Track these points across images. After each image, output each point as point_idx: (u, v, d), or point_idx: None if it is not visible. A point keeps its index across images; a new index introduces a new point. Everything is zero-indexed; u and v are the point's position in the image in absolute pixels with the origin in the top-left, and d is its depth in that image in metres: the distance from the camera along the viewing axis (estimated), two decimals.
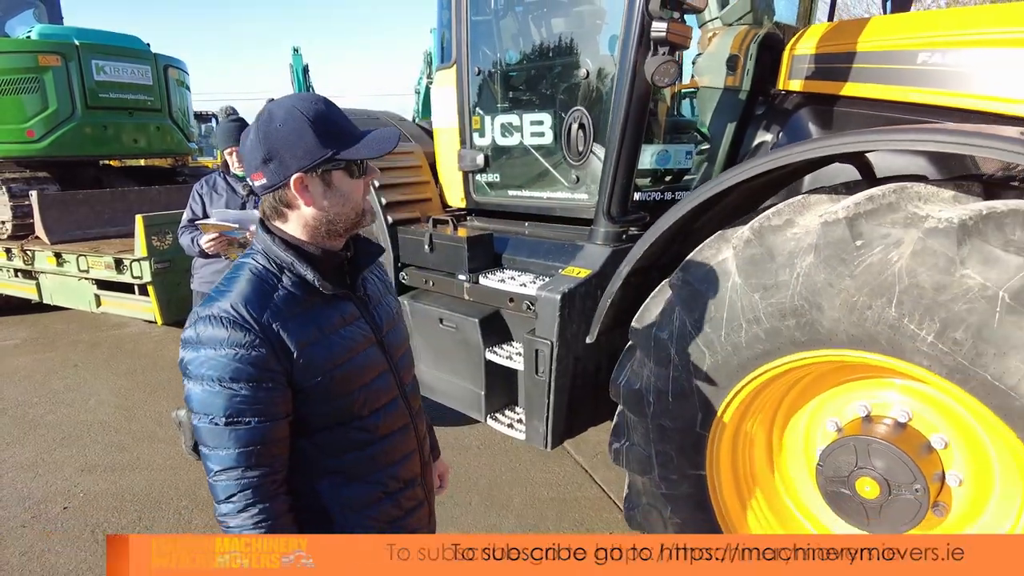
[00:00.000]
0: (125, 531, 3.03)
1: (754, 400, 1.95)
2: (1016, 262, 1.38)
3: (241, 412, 1.12)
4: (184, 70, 8.48)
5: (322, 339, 1.20)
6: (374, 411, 1.28)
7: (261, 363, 1.12)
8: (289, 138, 1.15)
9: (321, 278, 1.20)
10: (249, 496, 1.14)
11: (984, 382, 1.44)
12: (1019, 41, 1.94)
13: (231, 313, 1.12)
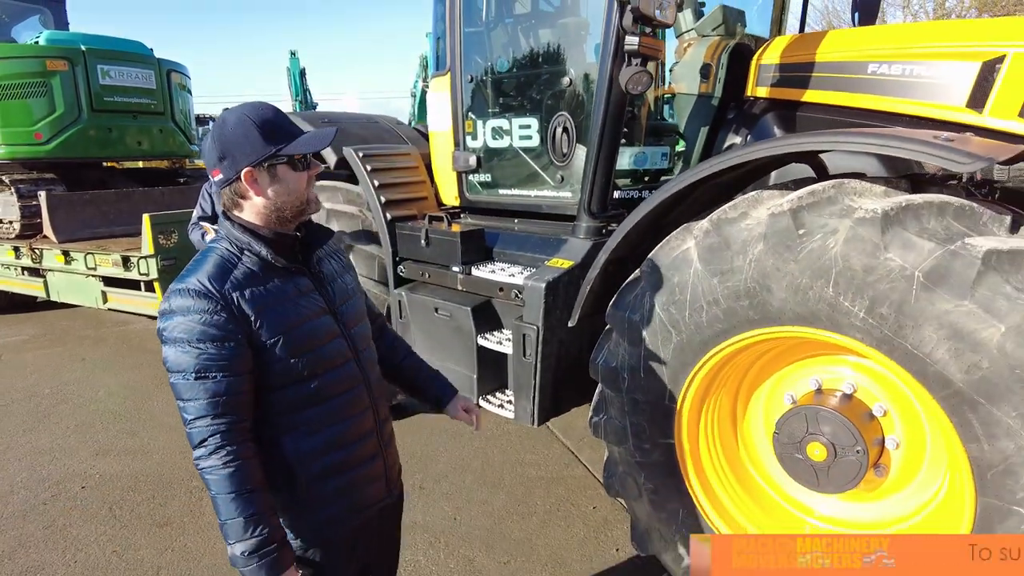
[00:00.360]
0: (139, 510, 3.23)
1: (717, 374, 2.17)
2: (929, 246, 1.61)
3: (207, 368, 1.32)
4: (186, 74, 8.67)
5: (276, 307, 1.40)
6: (328, 371, 1.47)
7: (222, 326, 1.32)
8: (239, 139, 1.37)
9: (275, 254, 1.41)
10: (218, 440, 1.33)
11: (905, 351, 1.66)
12: (947, 55, 2.17)
13: (197, 285, 1.33)
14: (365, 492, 1.58)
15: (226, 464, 1.33)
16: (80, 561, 2.82)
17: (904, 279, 1.63)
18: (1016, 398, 1.51)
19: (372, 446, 1.59)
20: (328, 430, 1.48)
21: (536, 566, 2.70)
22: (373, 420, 1.59)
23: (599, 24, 2.56)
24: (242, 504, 1.33)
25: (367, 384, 1.57)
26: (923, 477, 2.03)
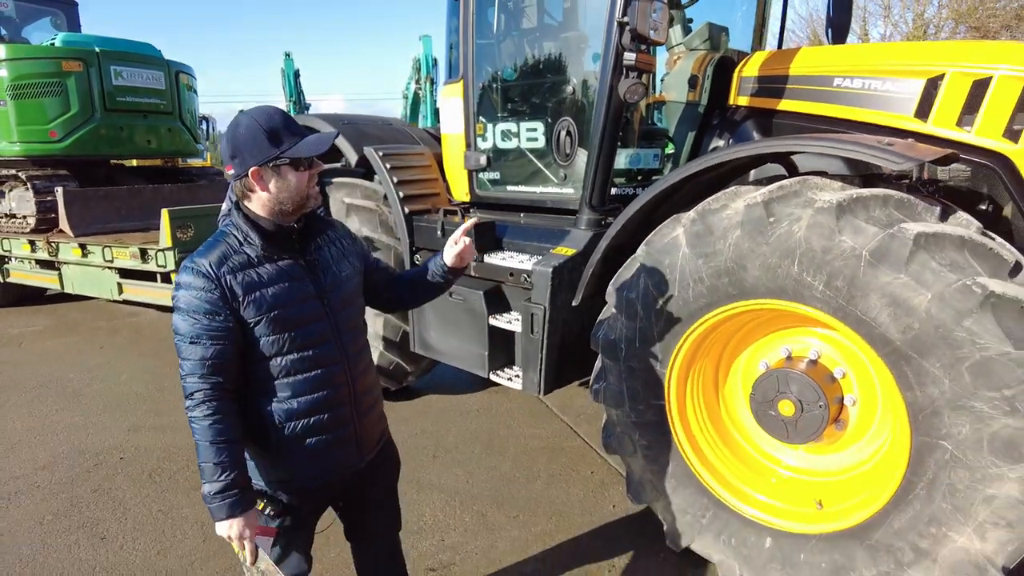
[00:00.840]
0: (177, 476, 3.52)
1: (702, 344, 2.52)
2: (873, 231, 1.96)
3: (199, 335, 1.58)
4: (193, 75, 8.92)
5: (264, 290, 1.62)
6: (307, 348, 1.68)
7: (215, 303, 1.58)
8: (248, 141, 1.63)
9: (269, 245, 1.64)
10: (202, 396, 1.58)
11: (856, 316, 2.02)
12: (899, 72, 2.54)
13: (200, 266, 1.60)
14: (334, 455, 1.78)
15: (206, 417, 1.58)
16: (130, 518, 3.11)
17: (854, 257, 1.98)
18: (940, 351, 1.87)
19: (345, 416, 1.78)
20: (303, 399, 1.70)
21: (541, 519, 3.03)
22: (348, 393, 1.78)
23: (598, 37, 2.92)
24: (215, 452, 1.58)
25: (345, 361, 1.77)
26: (875, 429, 2.39)
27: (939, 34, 19.22)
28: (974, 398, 1.85)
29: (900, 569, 2.07)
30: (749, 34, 3.92)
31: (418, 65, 19.66)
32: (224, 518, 1.61)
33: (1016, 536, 1.87)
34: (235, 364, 1.64)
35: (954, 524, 1.95)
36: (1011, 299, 1.83)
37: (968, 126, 2.44)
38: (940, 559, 1.99)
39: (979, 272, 1.88)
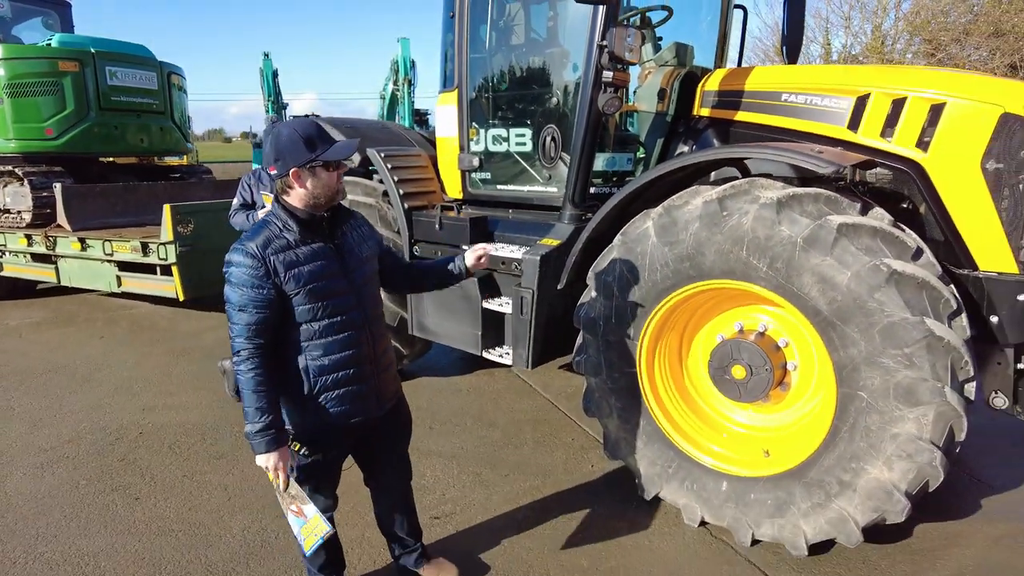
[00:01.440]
0: (195, 448, 3.82)
1: (668, 319, 2.94)
2: (806, 221, 2.40)
3: (246, 304, 1.94)
4: (183, 76, 9.12)
5: (300, 267, 1.98)
6: (336, 315, 2.05)
7: (260, 278, 1.94)
8: (289, 147, 2.01)
9: (301, 233, 2.00)
10: (247, 354, 1.95)
11: (792, 292, 2.45)
12: (835, 90, 2.98)
13: (248, 248, 1.96)
14: (356, 404, 2.13)
15: (250, 370, 1.95)
16: (158, 483, 3.41)
17: (791, 243, 2.41)
18: (857, 319, 2.32)
19: (367, 372, 2.15)
20: (333, 357, 2.07)
21: (529, 477, 3.42)
22: (369, 352, 2.15)
23: (578, 53, 3.33)
24: (256, 398, 1.95)
25: (367, 326, 2.15)
26: (811, 390, 2.83)
27: (896, 44, 20.18)
28: (883, 355, 2.30)
29: (829, 499, 2.51)
30: (712, 52, 4.37)
31: (396, 67, 19.91)
32: (263, 452, 1.99)
33: (915, 465, 2.32)
34: (275, 327, 2.01)
35: (869, 459, 2.40)
36: (910, 276, 2.28)
37: (889, 137, 2.88)
38: (859, 488, 2.43)
39: (887, 255, 2.33)
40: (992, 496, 3.21)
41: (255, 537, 2.91)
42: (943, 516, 2.99)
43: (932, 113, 2.75)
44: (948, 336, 2.27)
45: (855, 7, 20.61)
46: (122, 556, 2.78)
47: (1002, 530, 2.92)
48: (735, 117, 3.44)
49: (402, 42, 19.49)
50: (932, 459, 2.30)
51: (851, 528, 2.48)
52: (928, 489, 2.43)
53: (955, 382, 2.29)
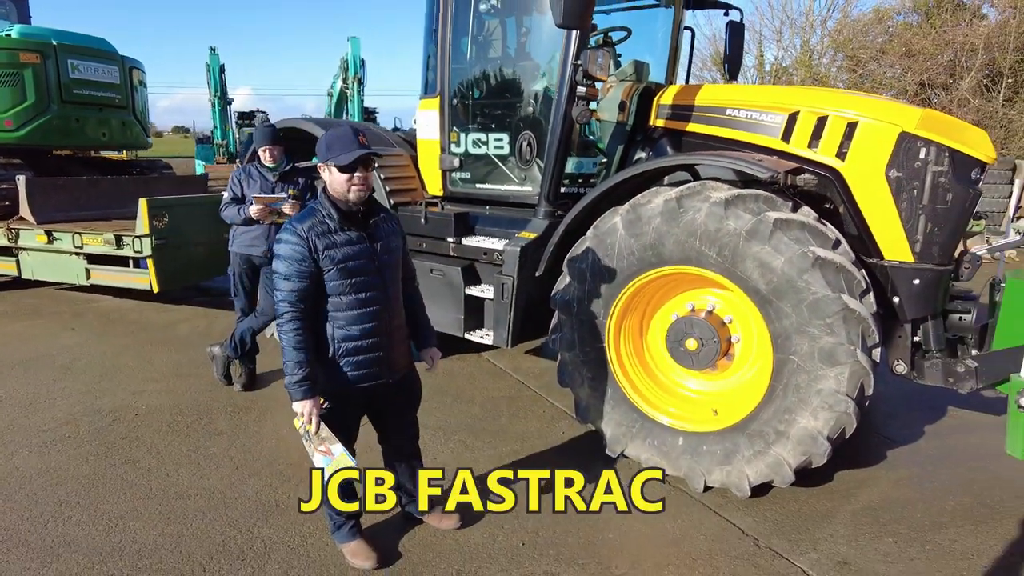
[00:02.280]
0: (194, 426, 4.04)
1: (632, 301, 3.40)
2: (748, 217, 2.89)
3: (291, 274, 2.32)
4: (144, 71, 9.06)
5: (336, 248, 2.37)
6: (361, 291, 2.42)
7: (302, 254, 2.32)
8: (321, 146, 2.39)
9: (340, 220, 2.37)
10: (289, 316, 2.33)
11: (737, 275, 2.94)
12: (772, 107, 3.51)
13: (296, 229, 2.35)
14: (371, 370, 2.50)
15: (291, 330, 2.34)
16: (165, 456, 3.63)
17: (736, 235, 2.90)
18: (789, 296, 2.82)
19: (383, 343, 2.51)
20: (356, 327, 2.44)
21: (509, 443, 3.82)
22: (386, 327, 2.52)
23: (552, 65, 3.75)
24: (295, 354, 2.33)
25: (387, 304, 2.51)
26: (753, 359, 3.35)
27: (822, 59, 21.62)
28: (809, 325, 2.82)
29: (768, 446, 3.02)
30: (664, 68, 4.88)
31: (345, 65, 19.92)
32: (299, 399, 2.37)
33: (834, 414, 2.85)
34: (313, 296, 2.38)
35: (799, 411, 2.91)
36: (831, 261, 2.81)
37: (815, 148, 3.42)
38: (791, 435, 2.95)
39: (813, 244, 2.85)
40: (895, 448, 3.84)
41: (269, 498, 3.20)
42: (856, 465, 3.58)
43: (848, 129, 3.30)
44: (860, 309, 2.81)
45: (786, 22, 21.96)
46: (147, 517, 3.02)
47: (902, 474, 3.53)
48: (687, 128, 3.93)
49: (352, 41, 19.53)
50: (848, 408, 2.83)
51: (785, 470, 2.99)
52: (845, 436, 2.96)
53: (865, 346, 2.83)
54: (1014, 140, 15.02)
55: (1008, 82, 15.84)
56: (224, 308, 6.71)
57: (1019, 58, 15.51)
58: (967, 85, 15.98)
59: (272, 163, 4.39)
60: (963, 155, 3.17)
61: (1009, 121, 15.58)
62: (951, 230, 3.24)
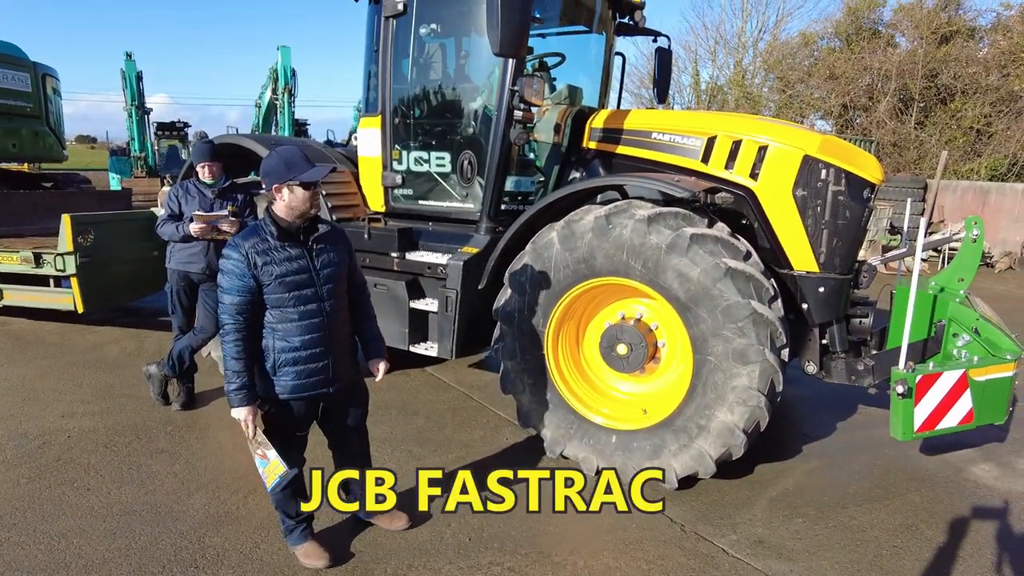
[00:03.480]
0: (133, 445, 4.15)
1: (568, 311, 3.81)
2: (667, 232, 3.35)
3: (230, 289, 2.59)
4: (58, 78, 8.97)
5: (275, 264, 2.64)
6: (301, 305, 2.68)
7: (243, 269, 2.58)
8: (274, 167, 2.67)
9: (279, 236, 2.65)
10: (230, 328, 2.60)
11: (659, 284, 3.39)
12: (692, 131, 4.02)
13: (237, 244, 2.63)
14: (310, 379, 2.73)
15: (232, 341, 2.60)
16: (105, 475, 3.74)
17: (657, 248, 3.36)
18: (705, 303, 3.29)
19: (322, 354, 2.75)
20: (294, 338, 2.69)
21: (454, 451, 4.13)
22: (325, 339, 2.75)
23: (491, 87, 4.15)
24: (233, 364, 2.60)
25: (327, 316, 2.75)
26: (676, 361, 3.81)
27: (754, 79, 23.20)
28: (723, 328, 3.29)
29: (691, 440, 3.46)
30: (596, 91, 5.39)
31: (275, 75, 19.84)
32: (237, 406, 2.64)
33: (748, 408, 3.32)
34: (254, 309, 2.65)
35: (717, 406, 3.37)
36: (741, 271, 3.30)
37: (730, 169, 3.95)
38: (711, 429, 3.40)
39: (725, 256, 3.33)
40: (809, 443, 4.41)
41: (217, 509, 3.39)
42: (774, 458, 4.10)
43: (760, 152, 3.83)
44: (768, 314, 3.30)
45: (720, 42, 23.50)
46: (91, 534, 3.16)
47: (814, 464, 4.08)
48: (616, 150, 4.42)
49: (282, 50, 19.45)
50: (760, 403, 3.31)
51: (707, 462, 3.44)
52: (760, 428, 3.44)
53: (773, 347, 3.32)
54: (925, 160, 16.62)
55: (919, 106, 17.55)
56: (154, 328, 6.75)
57: (927, 85, 17.24)
58: (883, 108, 17.59)
59: (211, 179, 4.58)
60: (857, 177, 3.76)
61: (921, 143, 17.23)
62: (850, 243, 3.82)
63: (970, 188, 14.14)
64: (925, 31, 17.23)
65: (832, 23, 20.03)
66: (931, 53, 17.04)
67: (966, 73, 16.71)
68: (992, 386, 3.34)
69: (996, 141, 16.24)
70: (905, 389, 3.22)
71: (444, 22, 4.68)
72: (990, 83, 16.38)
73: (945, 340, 3.75)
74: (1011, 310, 7.90)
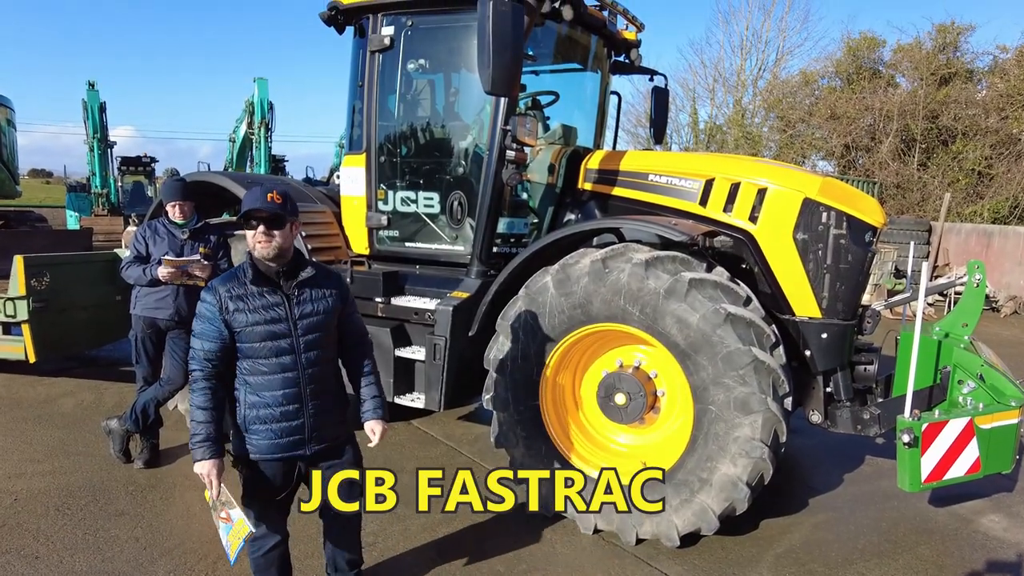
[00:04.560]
0: (90, 508, 4.13)
1: (564, 359, 3.94)
2: (666, 277, 3.52)
3: (201, 333, 2.62)
4: (12, 108, 9.10)
5: (248, 310, 2.61)
6: (272, 356, 2.65)
7: (215, 313, 2.60)
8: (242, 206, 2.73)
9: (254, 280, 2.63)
10: (198, 376, 2.61)
11: (658, 330, 3.54)
12: (690, 173, 4.24)
13: (212, 287, 2.65)
14: (284, 441, 2.69)
15: (199, 390, 2.61)
16: (57, 542, 3.72)
17: (656, 293, 3.52)
18: (705, 350, 3.44)
19: (295, 413, 2.70)
20: (265, 393, 2.67)
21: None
22: (300, 396, 2.70)
23: (482, 125, 4.36)
24: (200, 414, 2.59)
25: (304, 370, 2.69)
26: (676, 411, 3.93)
27: (754, 118, 24.06)
28: (724, 376, 3.43)
29: (693, 494, 3.55)
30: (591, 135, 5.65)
31: (251, 108, 20.17)
32: (198, 460, 2.57)
33: (752, 460, 3.43)
34: (225, 357, 2.65)
35: (719, 458, 3.48)
36: (741, 317, 3.46)
37: (729, 212, 4.15)
38: (714, 483, 3.50)
39: (725, 301, 3.50)
40: (815, 496, 4.54)
41: None
42: (780, 513, 4.20)
43: (759, 195, 4.05)
44: (769, 361, 3.45)
45: (719, 80, 24.45)
46: None
47: (821, 518, 4.19)
48: (612, 192, 4.63)
49: (259, 83, 19.80)
50: (763, 454, 3.43)
51: (710, 517, 3.52)
52: (764, 481, 3.55)
53: (776, 395, 3.46)
54: (929, 202, 17.25)
55: (921, 147, 18.31)
56: (115, 379, 6.73)
57: (928, 126, 18.04)
58: (886, 149, 18.30)
59: (182, 219, 4.65)
60: (858, 220, 3.98)
61: (924, 184, 17.90)
62: (852, 287, 4.02)
63: (974, 231, 14.71)
64: (925, 72, 18.14)
65: (833, 62, 21.02)
66: (931, 94, 17.91)
67: (966, 115, 17.56)
68: (998, 434, 3.50)
69: (997, 183, 16.96)
70: (911, 438, 3.36)
71: (433, 58, 4.92)
72: (989, 125, 17.20)
73: (951, 387, 3.92)
74: (1016, 355, 8.18)
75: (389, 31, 4.67)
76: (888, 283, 12.33)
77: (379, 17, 4.68)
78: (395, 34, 4.66)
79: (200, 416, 2.61)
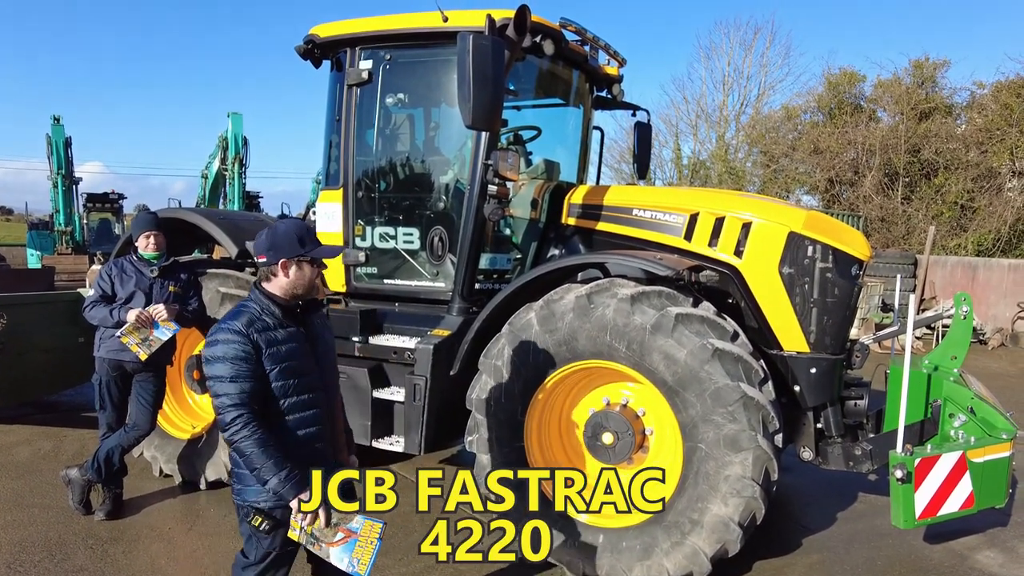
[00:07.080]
0: (44, 564, 4.02)
1: (549, 398, 3.96)
2: (652, 312, 3.58)
3: (237, 375, 2.52)
4: None
5: (277, 347, 2.65)
6: (306, 393, 2.69)
7: (248, 353, 2.54)
8: (283, 241, 2.76)
9: (281, 316, 2.73)
10: (243, 420, 2.48)
11: (645, 367, 3.59)
12: (674, 208, 4.35)
13: (234, 327, 2.56)
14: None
15: (251, 433, 2.48)
16: None
17: (642, 329, 3.58)
18: (693, 386, 3.49)
19: (324, 450, 2.78)
20: (300, 431, 2.68)
21: (422, 559, 4.11)
22: (327, 431, 2.83)
23: (463, 160, 4.44)
24: (267, 455, 2.48)
25: (327, 405, 2.85)
26: (665, 448, 3.95)
27: (737, 153, 24.65)
28: (713, 413, 3.47)
29: (684, 537, 3.56)
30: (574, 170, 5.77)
31: (225, 143, 20.23)
32: (297, 495, 2.50)
33: (743, 500, 3.46)
34: (261, 399, 2.60)
35: (710, 498, 3.50)
36: (729, 352, 3.52)
37: (714, 246, 4.25)
38: (705, 524, 3.52)
39: (712, 336, 3.57)
40: (808, 535, 4.57)
41: None
42: (774, 553, 4.22)
43: (744, 229, 4.16)
44: (758, 397, 3.51)
45: (701, 116, 25.10)
46: None
47: (815, 559, 4.22)
48: (596, 227, 4.72)
49: (233, 118, 19.91)
50: (755, 493, 3.46)
51: (702, 560, 3.53)
52: (756, 521, 3.57)
53: (766, 432, 3.51)
54: (914, 236, 17.70)
55: (904, 181, 18.87)
56: (75, 425, 6.60)
57: (910, 160, 18.63)
58: (869, 183, 18.82)
59: (155, 251, 4.62)
60: (844, 253, 4.09)
61: (908, 218, 18.40)
62: (840, 321, 4.11)
63: (959, 264, 15.11)
64: (905, 107, 18.80)
65: (814, 97, 21.71)
66: (912, 128, 18.53)
67: (947, 149, 18.18)
68: (991, 467, 3.57)
69: (980, 216, 17.49)
70: (904, 474, 3.42)
71: (412, 92, 5.03)
72: (970, 159, 17.82)
73: (942, 421, 4.00)
74: (1004, 387, 8.42)
75: (367, 65, 4.77)
76: (875, 317, 12.55)
77: (357, 51, 4.78)
78: (373, 68, 4.76)
79: (268, 456, 2.50)
